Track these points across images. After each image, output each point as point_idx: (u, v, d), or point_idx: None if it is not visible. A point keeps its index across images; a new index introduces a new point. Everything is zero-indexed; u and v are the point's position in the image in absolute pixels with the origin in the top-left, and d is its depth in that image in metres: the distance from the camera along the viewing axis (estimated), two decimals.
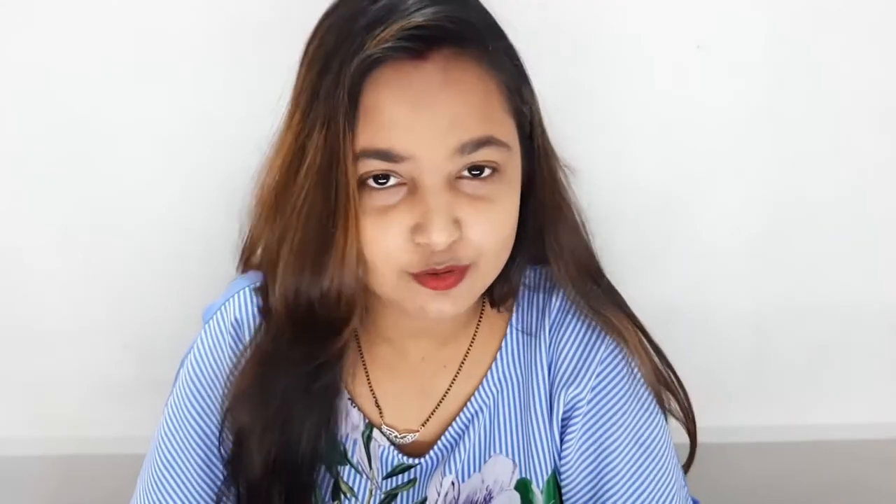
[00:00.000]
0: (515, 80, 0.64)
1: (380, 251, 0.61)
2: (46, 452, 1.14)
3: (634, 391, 0.72)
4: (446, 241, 0.59)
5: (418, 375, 0.75)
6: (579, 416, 0.72)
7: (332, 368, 0.70)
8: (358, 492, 0.76)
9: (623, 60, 0.99)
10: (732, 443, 1.17)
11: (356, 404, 0.75)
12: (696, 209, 1.07)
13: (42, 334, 1.10)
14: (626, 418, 0.72)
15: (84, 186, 1.04)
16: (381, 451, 0.75)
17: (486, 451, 0.75)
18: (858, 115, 1.01)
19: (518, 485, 0.75)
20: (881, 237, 1.08)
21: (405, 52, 0.58)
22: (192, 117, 1.01)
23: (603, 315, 0.72)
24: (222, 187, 1.01)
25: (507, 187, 0.63)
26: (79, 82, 0.99)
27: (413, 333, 0.74)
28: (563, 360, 0.73)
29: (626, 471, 0.72)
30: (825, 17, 0.97)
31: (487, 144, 0.60)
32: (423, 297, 0.63)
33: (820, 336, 1.13)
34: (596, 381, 0.72)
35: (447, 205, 0.60)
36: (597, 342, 0.72)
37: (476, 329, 0.76)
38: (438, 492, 0.75)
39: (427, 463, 0.75)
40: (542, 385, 0.74)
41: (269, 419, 0.69)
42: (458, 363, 0.76)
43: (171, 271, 1.07)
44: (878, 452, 1.18)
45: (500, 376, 0.75)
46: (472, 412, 0.75)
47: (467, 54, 0.60)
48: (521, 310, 0.76)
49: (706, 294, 1.11)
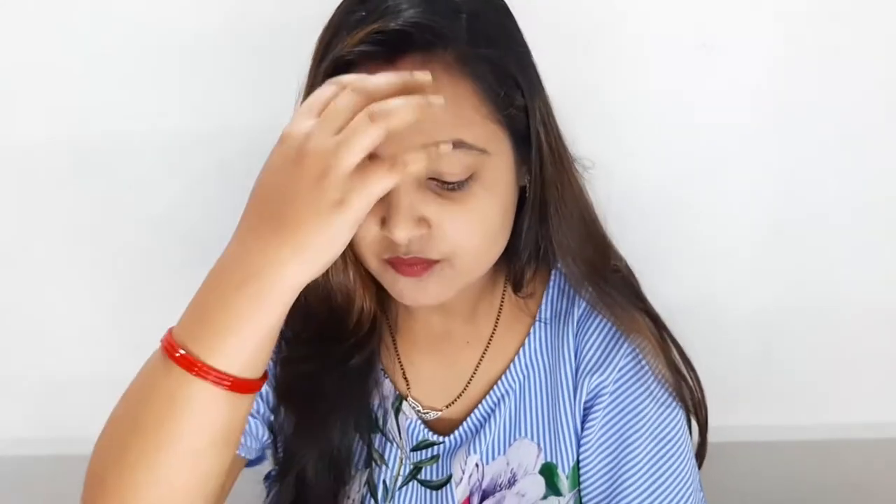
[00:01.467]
0: (497, 83, 0.63)
1: (358, 240, 0.64)
2: (52, 453, 1.13)
3: (657, 389, 0.73)
4: (406, 237, 0.61)
5: (442, 350, 0.77)
6: (601, 406, 0.73)
7: (365, 346, 0.72)
8: (388, 460, 0.76)
9: (628, 60, 1.00)
10: (740, 442, 1.17)
11: (387, 375, 0.77)
12: (703, 209, 1.07)
13: (48, 335, 1.10)
14: (647, 414, 0.73)
15: (90, 188, 1.03)
16: (409, 423, 0.76)
17: (511, 434, 0.76)
18: (865, 115, 1.02)
19: (543, 469, 0.75)
20: (889, 237, 1.09)
21: (375, 56, 0.60)
22: (200, 119, 1.01)
23: (616, 313, 0.73)
24: (230, 188, 1.02)
25: (483, 191, 0.63)
26: (83, 83, 0.99)
27: (433, 308, 0.75)
28: (588, 348, 0.75)
29: (644, 467, 0.72)
30: (831, 16, 0.98)
31: (457, 147, 0.60)
32: (401, 285, 0.65)
33: (828, 336, 1.13)
34: (619, 374, 0.73)
35: (410, 204, 0.61)
36: (622, 337, 0.74)
37: (500, 312, 0.77)
38: (463, 470, 0.75)
39: (451, 442, 0.76)
40: (568, 371, 0.75)
41: (306, 410, 0.72)
42: (484, 343, 0.77)
43: (178, 272, 1.05)
44: (886, 452, 1.18)
45: (528, 361, 0.76)
46: (499, 394, 0.76)
47: (437, 59, 0.60)
48: (549, 299, 0.77)
49: (713, 294, 1.12)
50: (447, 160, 0.61)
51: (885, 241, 1.09)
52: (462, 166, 0.62)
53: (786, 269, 1.11)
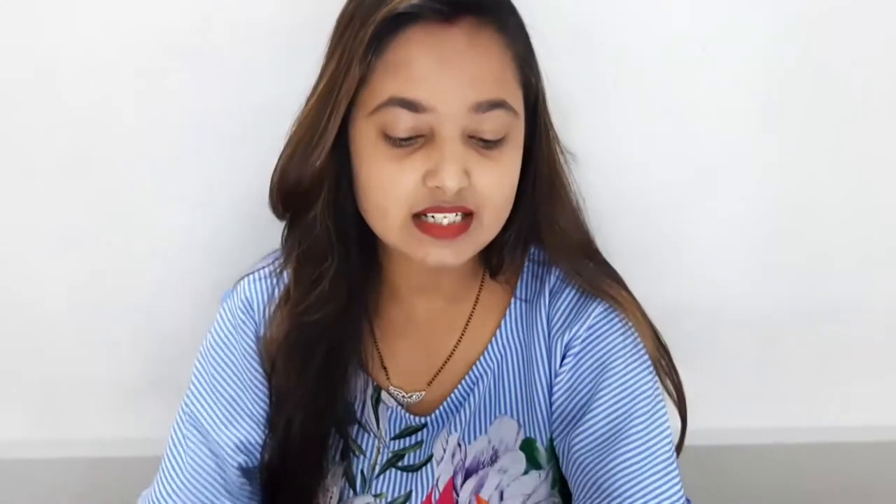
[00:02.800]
0: (526, 54, 0.70)
1: (394, 194, 0.66)
2: (54, 455, 1.14)
3: (627, 343, 0.73)
4: (456, 186, 0.65)
5: (424, 336, 0.78)
6: (571, 355, 0.74)
7: (345, 339, 0.75)
8: (366, 450, 0.77)
9: (630, 62, 1.01)
10: (740, 445, 1.16)
11: (363, 366, 0.77)
12: (702, 211, 1.08)
13: (49, 337, 1.10)
14: (617, 364, 0.72)
15: (90, 190, 1.04)
16: (390, 412, 0.77)
17: (491, 412, 0.77)
18: (863, 117, 1.03)
19: (523, 445, 0.76)
20: (887, 238, 1.09)
21: (435, 14, 0.64)
22: (205, 123, 1.01)
23: (598, 286, 0.74)
24: (232, 191, 1.04)
25: (511, 151, 0.69)
26: (85, 87, 1.00)
27: (420, 289, 0.77)
28: (560, 311, 0.76)
29: (609, 410, 0.71)
30: (828, 21, 0.99)
31: (500, 107, 0.66)
32: (427, 246, 0.67)
33: (827, 337, 1.13)
34: (589, 329, 0.74)
35: (461, 154, 0.65)
36: (593, 301, 0.75)
37: (478, 295, 0.79)
38: (444, 448, 0.76)
39: (433, 425, 0.77)
40: (542, 341, 0.76)
41: (303, 370, 0.74)
42: (462, 326, 0.78)
43: (179, 274, 1.08)
44: (887, 454, 1.17)
45: (504, 342, 0.77)
46: (477, 374, 0.77)
47: (489, 23, 0.66)
48: (524, 282, 0.79)
49: (712, 296, 1.12)
50: (490, 120, 0.65)
51: (883, 242, 1.10)
52: (501, 126, 0.67)
53: (784, 272, 1.11)
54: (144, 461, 0.86)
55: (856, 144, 1.05)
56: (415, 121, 0.64)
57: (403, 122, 0.64)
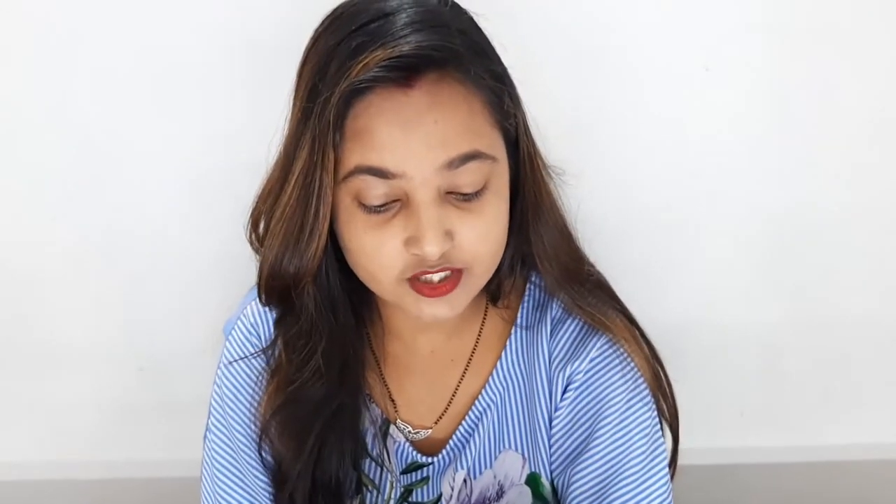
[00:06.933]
0: (497, 93, 0.66)
1: (379, 262, 0.65)
2: (59, 476, 1.15)
3: (627, 377, 0.73)
4: (439, 252, 0.63)
5: (428, 370, 0.77)
6: (572, 389, 0.73)
7: (350, 381, 0.74)
8: (380, 485, 0.77)
9: (633, 82, 1.01)
10: (744, 464, 1.16)
11: (374, 400, 0.77)
12: (704, 227, 1.08)
13: (55, 357, 1.11)
14: (616, 401, 0.72)
15: (97, 210, 1.05)
16: (397, 447, 0.77)
17: (496, 447, 0.76)
18: (863, 131, 1.03)
19: (528, 479, 0.76)
20: (889, 250, 1.09)
21: (392, 80, 0.62)
22: (209, 141, 1.02)
23: (600, 320, 0.73)
24: (237, 210, 1.04)
25: (494, 198, 0.66)
26: (93, 106, 1.00)
27: (421, 328, 0.76)
28: (561, 344, 0.75)
29: (611, 453, 0.71)
30: (825, 37, 0.99)
31: (474, 158, 0.63)
32: (421, 304, 0.67)
33: (831, 352, 1.13)
34: (591, 363, 0.73)
35: (438, 218, 0.63)
36: (595, 333, 0.74)
37: (482, 325, 0.78)
38: (452, 486, 0.76)
39: (440, 462, 0.77)
40: (543, 374, 0.75)
41: (300, 446, 0.73)
42: (466, 358, 0.78)
43: (185, 294, 1.08)
44: (891, 473, 1.17)
45: (506, 373, 0.77)
46: (481, 408, 0.77)
47: (450, 77, 0.63)
48: (525, 309, 0.78)
49: (714, 312, 1.12)
50: (465, 173, 0.63)
51: (885, 255, 1.09)
52: (479, 177, 0.64)
53: (787, 286, 1.11)
54: (156, 483, 0.86)
55: (857, 161, 1.05)
56: (386, 187, 0.63)
57: (375, 189, 0.63)
